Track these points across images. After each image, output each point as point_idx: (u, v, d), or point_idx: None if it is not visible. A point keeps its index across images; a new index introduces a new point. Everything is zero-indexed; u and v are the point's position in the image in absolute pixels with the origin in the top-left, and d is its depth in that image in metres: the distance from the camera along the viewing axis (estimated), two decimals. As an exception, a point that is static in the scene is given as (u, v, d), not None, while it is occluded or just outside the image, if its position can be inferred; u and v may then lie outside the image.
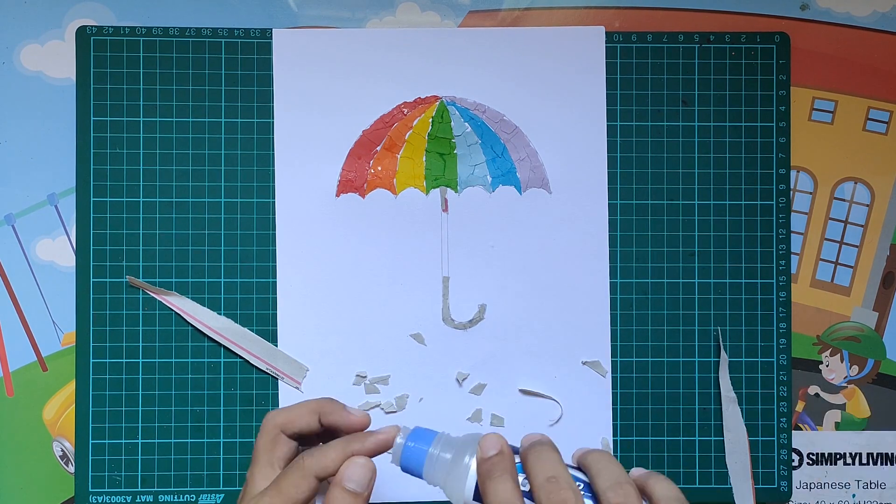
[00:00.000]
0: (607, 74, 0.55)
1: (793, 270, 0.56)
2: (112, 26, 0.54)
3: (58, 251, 0.54)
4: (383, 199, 0.54)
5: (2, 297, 0.54)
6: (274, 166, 0.54)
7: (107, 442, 0.53)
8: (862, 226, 0.56)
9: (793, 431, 0.55)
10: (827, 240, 0.56)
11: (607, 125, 0.55)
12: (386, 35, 0.54)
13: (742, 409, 0.54)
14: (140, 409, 0.53)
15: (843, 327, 0.56)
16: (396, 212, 0.54)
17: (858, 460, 0.55)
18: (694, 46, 0.55)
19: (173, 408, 0.53)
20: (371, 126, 0.54)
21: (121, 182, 0.54)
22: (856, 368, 0.56)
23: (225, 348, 0.54)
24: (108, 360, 0.53)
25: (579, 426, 0.54)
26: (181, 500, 0.53)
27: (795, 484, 0.55)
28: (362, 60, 0.54)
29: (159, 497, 0.53)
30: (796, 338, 0.55)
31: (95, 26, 0.54)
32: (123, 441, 0.53)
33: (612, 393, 0.54)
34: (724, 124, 0.55)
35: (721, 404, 0.54)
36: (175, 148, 0.54)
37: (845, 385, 0.56)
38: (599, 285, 0.54)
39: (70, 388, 0.54)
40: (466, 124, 0.54)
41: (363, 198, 0.54)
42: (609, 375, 0.54)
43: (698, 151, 0.55)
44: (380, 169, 0.54)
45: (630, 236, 0.55)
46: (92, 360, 0.53)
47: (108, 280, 0.53)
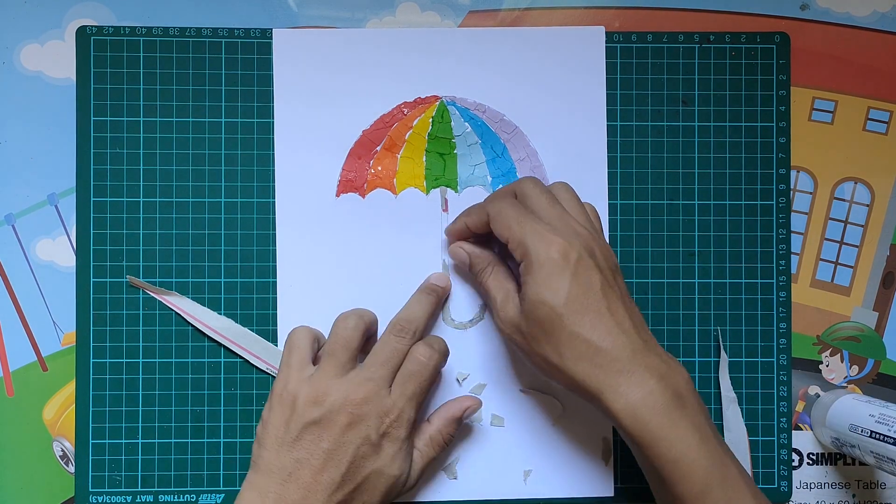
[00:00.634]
0: (607, 74, 0.55)
1: (793, 270, 0.56)
2: (112, 26, 0.54)
3: (58, 251, 0.54)
4: (383, 199, 0.54)
5: (2, 297, 0.54)
6: (274, 166, 0.54)
7: (107, 442, 0.53)
8: (862, 226, 0.56)
9: (793, 431, 0.55)
10: (827, 240, 0.56)
11: (607, 125, 0.55)
12: (386, 35, 0.54)
13: (742, 409, 0.54)
14: (140, 409, 0.53)
15: (843, 327, 0.56)
16: (396, 212, 0.54)
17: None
18: (694, 46, 0.55)
19: (173, 408, 0.53)
20: (371, 126, 0.54)
21: (121, 182, 0.54)
22: (856, 368, 0.56)
23: (225, 348, 0.54)
24: (108, 360, 0.53)
25: (580, 425, 0.54)
26: (181, 500, 0.53)
27: (795, 484, 0.55)
28: (362, 60, 0.54)
29: (159, 497, 0.53)
30: (796, 338, 0.55)
31: (95, 26, 0.54)
32: (123, 441, 0.53)
33: (612, 393, 0.54)
34: (724, 124, 0.55)
35: (721, 404, 0.54)
36: (175, 148, 0.54)
37: (845, 385, 0.56)
38: (599, 285, 0.54)
39: (70, 388, 0.54)
40: (466, 124, 0.54)
41: (363, 198, 0.54)
42: (609, 375, 0.54)
43: (698, 151, 0.55)
44: (380, 169, 0.54)
45: (630, 236, 0.55)
46: (92, 360, 0.53)
47: (108, 280, 0.53)
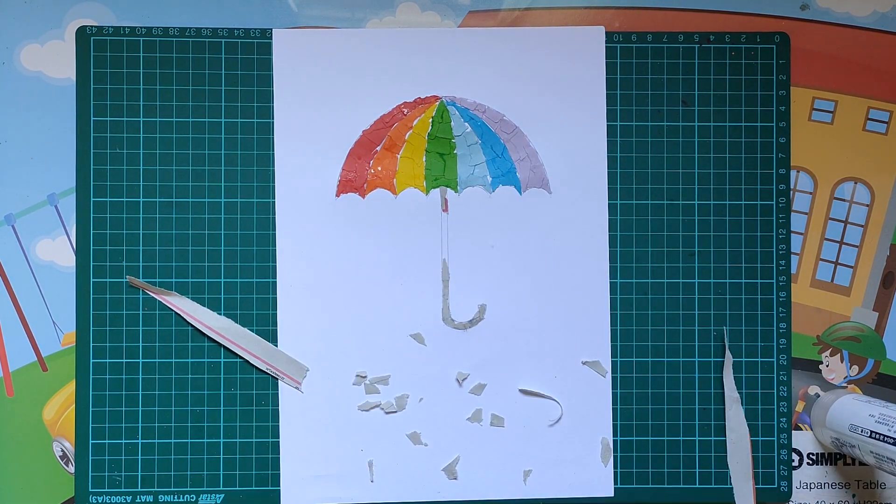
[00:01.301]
0: (607, 74, 0.55)
1: (793, 270, 0.56)
2: (112, 26, 0.54)
3: (58, 251, 0.54)
4: (383, 199, 0.54)
5: (2, 297, 0.54)
6: (274, 166, 0.54)
7: (107, 442, 0.53)
8: (862, 226, 0.56)
9: (793, 431, 0.55)
10: (827, 240, 0.56)
11: (607, 125, 0.55)
12: (386, 35, 0.54)
13: (742, 409, 0.54)
14: (140, 409, 0.53)
15: (843, 327, 0.56)
16: (396, 212, 0.54)
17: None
18: (694, 46, 0.55)
19: (173, 408, 0.53)
20: (371, 126, 0.54)
21: (121, 182, 0.54)
22: (856, 368, 0.56)
23: (225, 348, 0.54)
24: (108, 360, 0.53)
25: (579, 426, 0.54)
26: (181, 500, 0.53)
27: (795, 484, 0.55)
28: (362, 60, 0.54)
29: (159, 497, 0.53)
30: (796, 338, 0.55)
31: (95, 26, 0.54)
32: (123, 441, 0.53)
33: (612, 393, 0.54)
34: (724, 124, 0.55)
35: (722, 404, 0.54)
36: (175, 148, 0.54)
37: (845, 385, 0.56)
38: (599, 285, 0.54)
39: (70, 388, 0.54)
40: (466, 124, 0.54)
41: (363, 198, 0.54)
42: (609, 375, 0.54)
43: (698, 151, 0.55)
44: (380, 169, 0.54)
45: (630, 236, 0.55)
46: (92, 360, 0.53)
47: (108, 280, 0.53)
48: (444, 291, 0.54)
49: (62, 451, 0.54)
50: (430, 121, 0.54)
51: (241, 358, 0.54)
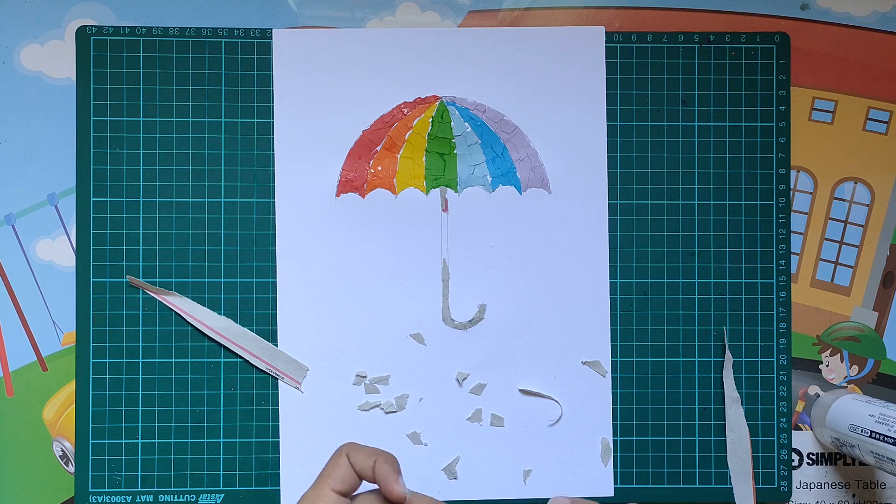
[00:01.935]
0: (607, 74, 0.55)
1: (793, 270, 0.56)
2: (112, 26, 0.54)
3: (58, 251, 0.54)
4: (383, 199, 0.54)
5: (2, 297, 0.54)
6: (274, 166, 0.54)
7: (107, 442, 0.53)
8: (862, 226, 0.56)
9: (793, 431, 0.55)
10: (827, 240, 0.56)
11: (607, 125, 0.55)
12: (386, 35, 0.54)
13: (742, 409, 0.54)
14: (140, 409, 0.53)
15: (843, 327, 0.56)
16: (396, 212, 0.54)
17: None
18: (694, 46, 0.55)
19: (173, 408, 0.53)
20: (371, 126, 0.54)
21: (121, 182, 0.54)
22: (856, 368, 0.56)
23: (225, 348, 0.54)
24: (108, 360, 0.53)
25: (579, 426, 0.54)
26: (181, 500, 0.53)
27: (795, 484, 0.55)
28: (362, 60, 0.54)
29: (159, 497, 0.53)
30: (796, 338, 0.55)
31: (95, 26, 0.54)
32: (123, 441, 0.53)
33: (612, 393, 0.54)
34: (724, 124, 0.55)
35: (722, 404, 0.54)
36: (175, 148, 0.54)
37: (845, 385, 0.56)
38: (599, 285, 0.54)
39: (70, 388, 0.54)
40: (466, 124, 0.54)
41: (363, 198, 0.54)
42: (609, 375, 0.54)
43: (698, 151, 0.55)
44: (380, 169, 0.54)
45: (630, 236, 0.55)
46: (92, 360, 0.53)
47: (108, 280, 0.53)
48: (444, 291, 0.54)
49: (62, 451, 0.54)
50: (430, 121, 0.54)
51: (241, 358, 0.54)
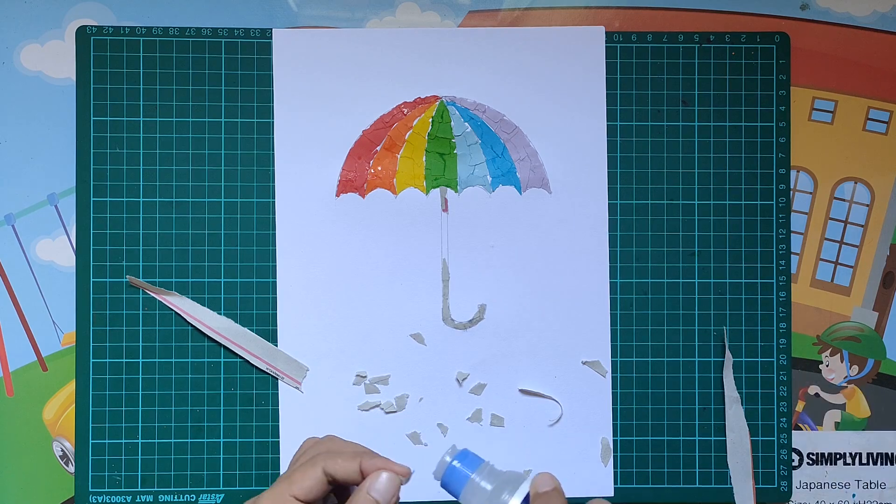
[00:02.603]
0: (607, 74, 0.55)
1: (793, 270, 0.56)
2: (112, 26, 0.54)
3: (58, 251, 0.54)
4: (383, 199, 0.54)
5: (2, 297, 0.54)
6: (274, 166, 0.54)
7: (107, 442, 0.53)
8: (862, 226, 0.56)
9: (793, 431, 0.55)
10: (827, 240, 0.56)
11: (607, 125, 0.55)
12: (386, 35, 0.54)
13: (742, 409, 0.54)
14: (140, 409, 0.53)
15: (843, 327, 0.56)
16: (396, 212, 0.54)
17: (858, 460, 0.55)
18: (694, 46, 0.55)
19: (173, 408, 0.53)
20: (371, 126, 0.54)
21: (121, 182, 0.54)
22: (856, 368, 0.56)
23: (225, 348, 0.54)
24: (108, 360, 0.53)
25: (579, 426, 0.54)
26: (181, 500, 0.53)
27: (795, 484, 0.55)
28: (362, 60, 0.54)
29: (159, 497, 0.53)
30: (796, 338, 0.55)
31: (95, 26, 0.54)
32: (123, 441, 0.53)
33: (612, 393, 0.54)
34: (724, 124, 0.55)
35: (722, 404, 0.54)
36: (175, 148, 0.54)
37: (845, 385, 0.56)
38: (599, 285, 0.54)
39: (70, 388, 0.54)
40: (466, 124, 0.54)
41: (363, 198, 0.54)
42: (609, 375, 0.54)
43: (698, 151, 0.55)
44: (380, 169, 0.54)
45: (630, 236, 0.55)
46: (92, 360, 0.53)
47: (108, 280, 0.53)
48: (444, 291, 0.54)
49: (62, 451, 0.54)
50: (430, 121, 0.54)
51: (241, 358, 0.54)
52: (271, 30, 0.54)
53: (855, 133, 0.56)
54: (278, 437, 0.54)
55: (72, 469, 0.54)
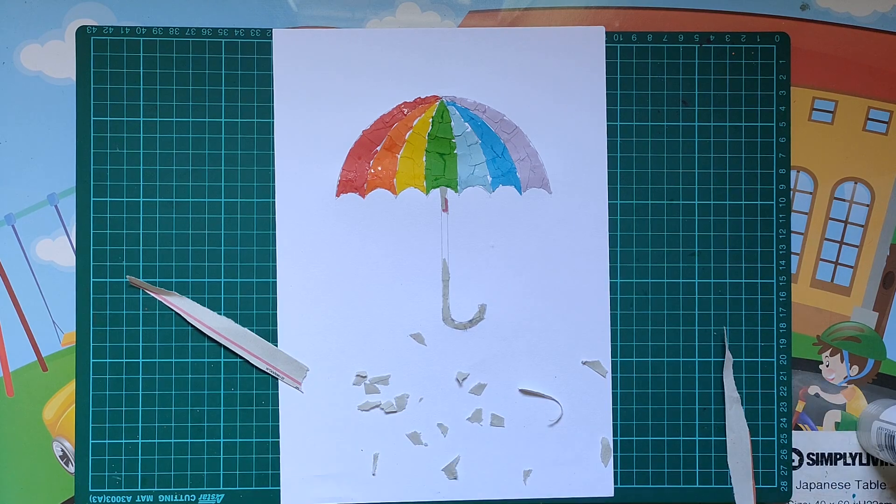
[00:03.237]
0: (607, 74, 0.55)
1: (793, 270, 0.56)
2: (112, 26, 0.54)
3: (58, 251, 0.54)
4: (383, 199, 0.54)
5: (2, 297, 0.54)
6: (274, 166, 0.54)
7: (107, 442, 0.53)
8: (862, 226, 0.56)
9: (793, 431, 0.55)
10: (827, 240, 0.56)
11: (607, 125, 0.55)
12: (386, 35, 0.54)
13: (742, 409, 0.54)
14: (140, 409, 0.53)
15: (843, 327, 0.56)
16: (396, 212, 0.54)
17: (858, 460, 0.55)
18: (694, 46, 0.55)
19: (173, 408, 0.53)
20: (371, 126, 0.54)
21: (121, 182, 0.54)
22: (856, 368, 0.56)
23: (225, 348, 0.54)
24: (108, 360, 0.53)
25: (579, 426, 0.54)
26: (181, 500, 0.53)
27: (795, 484, 0.55)
28: (362, 60, 0.54)
29: (159, 497, 0.53)
30: (796, 338, 0.55)
31: (95, 26, 0.54)
32: (123, 441, 0.53)
33: (612, 393, 0.54)
34: (724, 124, 0.55)
35: (722, 404, 0.54)
36: (175, 148, 0.54)
37: (845, 385, 0.56)
38: (599, 285, 0.54)
39: (70, 388, 0.54)
40: (466, 124, 0.54)
41: (363, 198, 0.54)
42: (609, 375, 0.54)
43: (698, 151, 0.55)
44: (380, 169, 0.54)
45: (630, 236, 0.55)
46: (92, 360, 0.53)
47: (108, 280, 0.53)
48: (444, 291, 0.54)
49: (62, 451, 0.54)
50: (431, 121, 0.54)
51: (241, 358, 0.54)
52: (271, 30, 0.54)
53: (855, 133, 0.56)
54: (278, 437, 0.54)
55: (72, 469, 0.54)
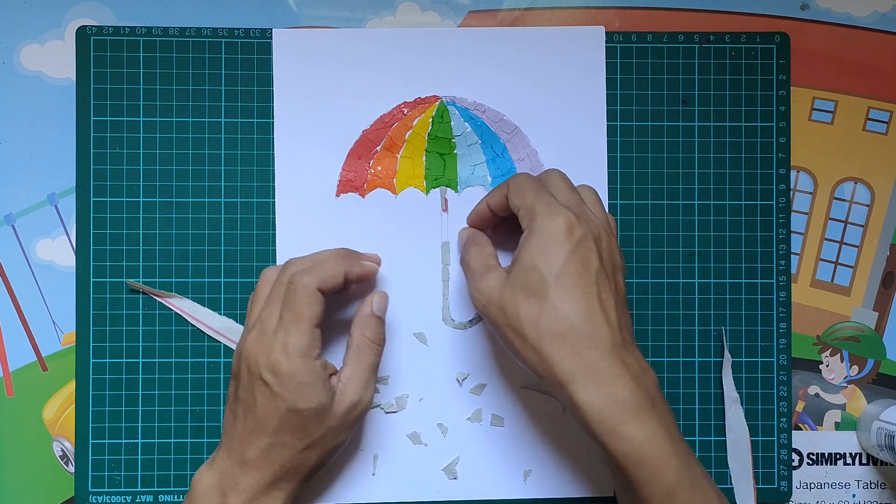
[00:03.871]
0: (607, 74, 0.55)
1: (793, 270, 0.56)
2: (112, 26, 0.54)
3: (58, 251, 0.54)
4: (383, 199, 0.54)
5: (2, 297, 0.54)
6: (274, 166, 0.54)
7: (107, 442, 0.53)
8: (862, 226, 0.56)
9: (793, 431, 0.55)
10: (827, 240, 0.56)
11: (607, 125, 0.55)
12: (386, 35, 0.54)
13: (742, 409, 0.54)
14: (140, 409, 0.53)
15: (843, 327, 0.56)
16: (396, 212, 0.54)
17: (858, 460, 0.55)
18: (694, 46, 0.55)
19: (173, 408, 0.53)
20: (371, 126, 0.54)
21: (121, 182, 0.54)
22: (856, 368, 0.56)
23: (225, 348, 0.54)
24: (108, 360, 0.53)
25: (579, 426, 0.54)
26: (181, 500, 0.53)
27: (795, 484, 0.55)
28: (362, 60, 0.54)
29: (159, 497, 0.53)
30: (796, 338, 0.55)
31: (95, 26, 0.54)
32: (123, 441, 0.53)
33: (612, 393, 0.54)
34: (724, 124, 0.55)
35: (722, 404, 0.54)
36: (175, 148, 0.54)
37: (845, 385, 0.56)
38: (599, 285, 0.54)
39: (70, 388, 0.54)
40: (466, 124, 0.54)
41: (363, 198, 0.54)
42: (609, 375, 0.54)
43: (698, 151, 0.55)
44: (380, 169, 0.54)
45: (630, 236, 0.55)
46: (92, 360, 0.53)
47: (108, 280, 0.53)
48: (444, 291, 0.54)
49: (62, 451, 0.54)
50: (430, 120, 0.54)
51: (241, 358, 0.54)
52: (271, 30, 0.54)
53: (855, 133, 0.56)
54: (278, 437, 0.54)
55: (72, 469, 0.54)
